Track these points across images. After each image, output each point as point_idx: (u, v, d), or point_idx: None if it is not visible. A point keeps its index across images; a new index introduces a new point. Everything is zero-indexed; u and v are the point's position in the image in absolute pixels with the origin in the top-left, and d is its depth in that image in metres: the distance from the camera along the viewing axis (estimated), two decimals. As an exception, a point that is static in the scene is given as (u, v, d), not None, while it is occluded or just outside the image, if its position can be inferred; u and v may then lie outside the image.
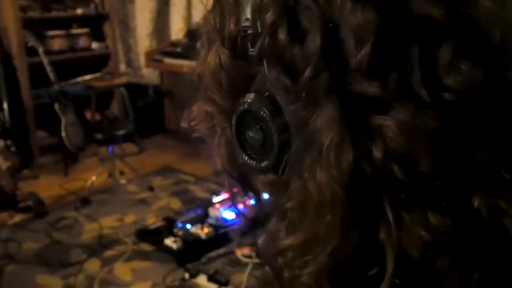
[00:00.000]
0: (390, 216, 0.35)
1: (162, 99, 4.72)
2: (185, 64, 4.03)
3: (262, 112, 0.40)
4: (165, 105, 4.73)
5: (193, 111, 0.50)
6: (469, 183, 0.35)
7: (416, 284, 0.38)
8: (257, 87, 0.41)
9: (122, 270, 2.57)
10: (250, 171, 0.46)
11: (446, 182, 0.35)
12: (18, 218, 3.08)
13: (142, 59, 4.69)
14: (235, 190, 0.52)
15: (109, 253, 2.72)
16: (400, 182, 0.35)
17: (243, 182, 0.48)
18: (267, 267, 0.44)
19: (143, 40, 4.71)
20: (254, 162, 0.42)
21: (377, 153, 0.34)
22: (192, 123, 0.50)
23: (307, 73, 0.35)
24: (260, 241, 0.45)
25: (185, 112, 0.53)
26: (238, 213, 0.54)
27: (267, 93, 0.40)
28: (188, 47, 3.99)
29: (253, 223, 0.55)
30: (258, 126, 0.41)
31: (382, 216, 0.36)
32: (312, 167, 0.37)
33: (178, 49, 4.20)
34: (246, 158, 0.43)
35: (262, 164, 0.41)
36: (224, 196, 3.07)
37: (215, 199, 3.02)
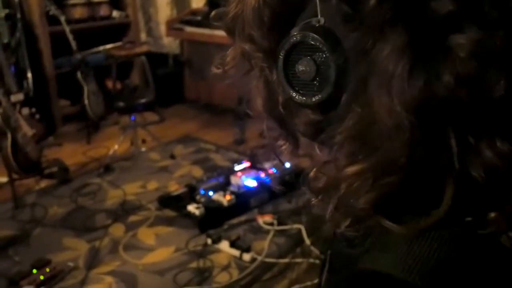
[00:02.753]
0: (453, 141, 0.36)
1: (182, 68, 4.72)
2: (205, 32, 4.01)
3: (318, 42, 0.39)
4: (185, 74, 4.72)
5: (227, 54, 0.49)
6: None
7: (477, 204, 0.39)
8: (307, 19, 0.41)
9: (146, 235, 2.62)
10: (292, 112, 0.45)
11: None
12: (43, 184, 3.15)
13: (162, 28, 4.67)
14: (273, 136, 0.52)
15: (132, 218, 2.77)
16: (470, 107, 0.35)
17: (283, 124, 0.48)
18: (318, 200, 0.45)
19: (164, 8, 4.68)
20: (304, 98, 0.42)
21: (449, 77, 0.34)
22: (226, 67, 0.50)
23: (372, 0, 0.34)
24: (311, 174, 0.45)
25: (215, 58, 0.52)
26: (278, 160, 0.54)
27: (319, 23, 0.39)
28: (208, 16, 3.95)
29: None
30: (311, 59, 0.40)
31: (448, 140, 0.36)
32: (379, 95, 0.37)
33: (199, 18, 4.18)
34: (295, 94, 0.42)
35: (314, 99, 0.41)
36: (245, 164, 3.09)
37: (237, 167, 3.04)
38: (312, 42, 0.39)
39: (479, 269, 0.38)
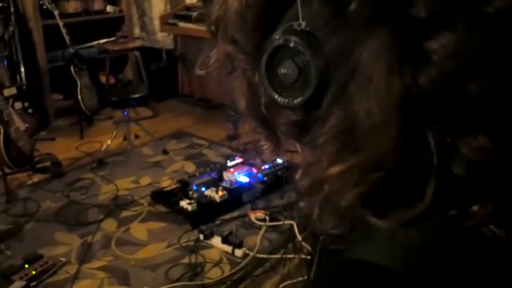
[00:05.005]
0: (432, 140, 0.38)
1: (175, 63, 4.71)
2: (199, 28, 4.00)
3: (299, 46, 0.40)
4: (179, 69, 4.72)
5: (211, 55, 0.51)
6: None
7: (460, 198, 0.40)
8: (289, 22, 0.42)
9: (138, 230, 2.63)
10: (274, 112, 0.46)
11: (495, 104, 0.36)
12: (36, 178, 3.14)
13: (156, 23, 4.66)
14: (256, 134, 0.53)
15: (125, 213, 2.78)
16: (447, 106, 0.36)
17: (266, 124, 0.49)
18: (303, 202, 0.46)
19: (157, 3, 4.67)
20: (287, 100, 0.43)
21: (425, 79, 0.36)
22: (209, 68, 0.51)
23: (354, 4, 0.36)
24: (297, 176, 0.46)
25: (199, 59, 0.53)
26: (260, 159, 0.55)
27: (301, 27, 0.40)
28: (202, 11, 3.95)
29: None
30: (292, 62, 0.42)
31: (428, 138, 0.38)
32: (358, 97, 0.38)
33: (193, 13, 4.16)
34: (277, 96, 0.43)
35: (296, 101, 0.42)
36: (238, 160, 3.11)
37: (230, 163, 3.05)
38: (294, 46, 0.41)
39: (460, 257, 0.39)
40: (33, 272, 2.20)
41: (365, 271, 0.39)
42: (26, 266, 2.22)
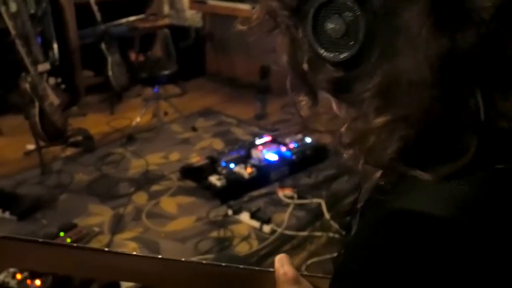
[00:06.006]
0: (478, 95, 0.39)
1: (203, 42, 4.72)
2: (228, 5, 4.00)
3: (348, 1, 0.41)
4: (207, 48, 4.73)
5: (253, 11, 0.51)
6: None
7: (504, 154, 0.42)
8: None
9: (168, 204, 2.68)
10: (316, 69, 0.48)
11: None
12: (69, 152, 3.22)
13: (185, 1, 4.66)
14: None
15: (155, 187, 2.83)
16: (490, 64, 0.38)
17: (306, 81, 0.51)
18: (348, 154, 0.48)
19: (187, -19, 4.66)
20: (332, 55, 0.44)
21: (471, 36, 0.37)
22: (251, 24, 0.52)
23: None
24: (342, 129, 0.48)
25: (238, 19, 0.54)
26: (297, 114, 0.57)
27: None
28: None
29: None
30: (340, 17, 0.43)
31: (470, 94, 0.40)
32: (402, 54, 0.40)
33: (222, -9, 4.15)
34: (323, 51, 0.45)
35: (341, 56, 0.44)
36: (266, 138, 3.12)
37: (258, 141, 3.07)
38: (343, 1, 0.42)
39: (507, 208, 0.40)
40: (68, 240, 2.27)
41: (412, 219, 0.40)
42: (62, 234, 2.29)
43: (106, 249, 0.59)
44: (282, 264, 0.63)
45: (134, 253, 0.63)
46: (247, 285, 0.64)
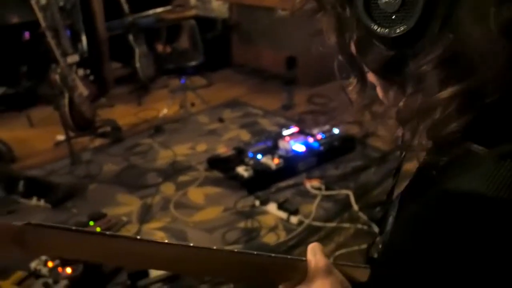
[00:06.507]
0: None
1: (229, 33, 4.70)
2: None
3: None
4: (233, 39, 4.71)
5: None
6: None
7: None
8: None
9: (195, 194, 2.69)
10: (365, 49, 0.47)
11: None
12: (97, 142, 3.26)
13: (211, -8, 4.65)
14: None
15: (182, 178, 2.84)
16: None
17: (353, 62, 0.50)
18: (406, 130, 0.47)
19: (213, -29, 4.65)
20: (387, 30, 0.43)
21: None
22: (294, 8, 0.51)
23: None
24: (400, 105, 0.46)
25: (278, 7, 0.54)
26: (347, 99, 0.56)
27: None
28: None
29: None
30: None
31: None
32: (464, 25, 0.38)
33: (249, -19, 4.12)
34: (376, 27, 0.43)
35: (398, 30, 0.42)
36: (293, 129, 3.09)
37: (285, 132, 3.05)
38: None
39: None
40: (98, 229, 2.29)
41: (469, 201, 0.39)
42: (91, 223, 2.32)
43: (138, 237, 0.59)
44: (314, 253, 0.62)
45: (166, 241, 0.62)
46: (278, 273, 0.63)
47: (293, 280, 0.61)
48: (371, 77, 0.52)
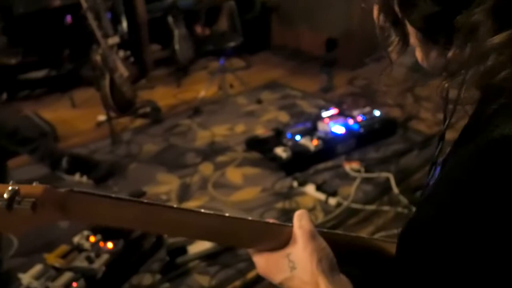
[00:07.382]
0: None
1: (269, 14, 4.65)
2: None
3: None
4: (272, 20, 4.66)
5: None
6: None
7: None
8: None
9: (233, 174, 2.69)
10: (409, 8, 0.46)
11: None
12: (138, 123, 3.31)
13: (251, -27, 4.60)
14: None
15: (221, 158, 2.85)
16: None
17: (397, 21, 0.50)
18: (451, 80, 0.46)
19: (253, -48, 4.59)
20: None
21: None
22: None
23: None
24: (449, 54, 0.45)
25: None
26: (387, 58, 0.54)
27: None
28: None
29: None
30: None
31: None
32: None
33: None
34: None
35: None
36: (333, 111, 3.04)
37: (324, 114, 3.00)
38: None
39: None
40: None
41: None
42: (132, 201, 2.36)
43: (176, 205, 0.59)
44: (300, 219, 0.64)
45: (207, 211, 0.63)
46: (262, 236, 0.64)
47: (276, 241, 0.63)
48: (412, 38, 0.51)
